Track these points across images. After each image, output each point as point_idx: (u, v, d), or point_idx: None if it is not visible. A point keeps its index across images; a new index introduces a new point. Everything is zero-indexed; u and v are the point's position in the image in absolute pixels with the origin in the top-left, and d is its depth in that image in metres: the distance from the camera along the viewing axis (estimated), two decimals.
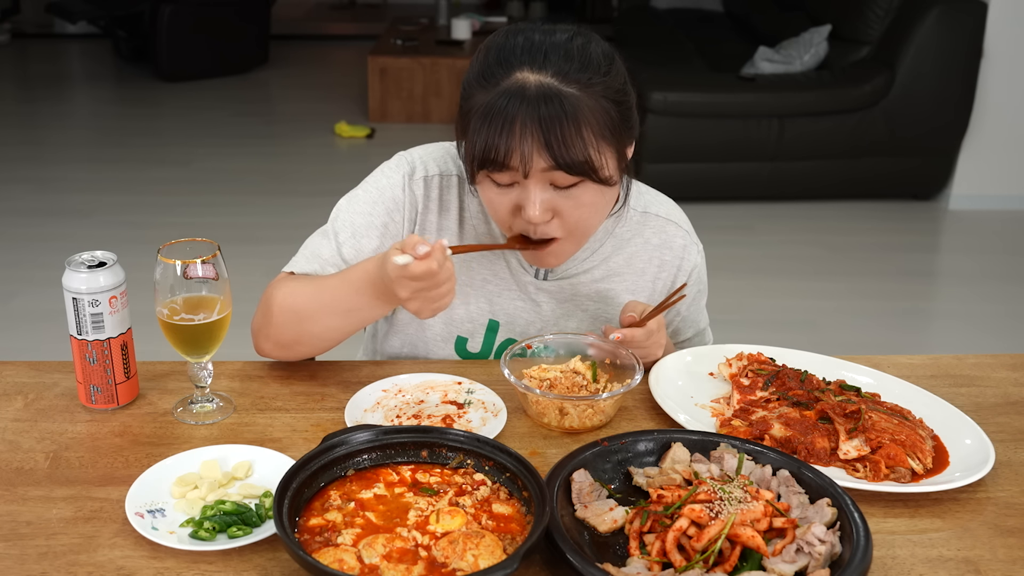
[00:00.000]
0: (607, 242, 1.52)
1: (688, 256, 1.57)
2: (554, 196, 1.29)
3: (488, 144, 1.25)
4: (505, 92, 1.25)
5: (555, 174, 1.27)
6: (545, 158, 1.25)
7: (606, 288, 1.54)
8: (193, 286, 1.30)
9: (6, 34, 7.92)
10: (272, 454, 1.22)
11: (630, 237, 1.54)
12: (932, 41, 4.54)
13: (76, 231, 4.43)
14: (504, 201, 1.32)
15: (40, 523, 1.11)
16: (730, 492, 1.08)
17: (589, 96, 1.26)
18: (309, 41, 8.20)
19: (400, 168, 1.48)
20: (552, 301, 1.53)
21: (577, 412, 1.31)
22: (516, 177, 1.28)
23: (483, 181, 1.32)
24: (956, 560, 1.10)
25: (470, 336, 1.53)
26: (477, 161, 1.27)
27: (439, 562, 1.00)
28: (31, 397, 1.37)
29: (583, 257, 1.52)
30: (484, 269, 1.51)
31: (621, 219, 1.52)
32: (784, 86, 4.69)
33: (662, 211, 1.57)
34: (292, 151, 5.65)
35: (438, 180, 1.48)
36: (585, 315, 1.55)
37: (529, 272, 1.51)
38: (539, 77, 1.25)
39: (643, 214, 1.55)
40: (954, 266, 4.40)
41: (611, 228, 1.52)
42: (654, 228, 1.55)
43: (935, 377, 1.50)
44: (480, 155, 1.26)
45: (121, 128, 6.04)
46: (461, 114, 1.32)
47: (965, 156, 4.83)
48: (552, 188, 1.29)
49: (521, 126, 1.23)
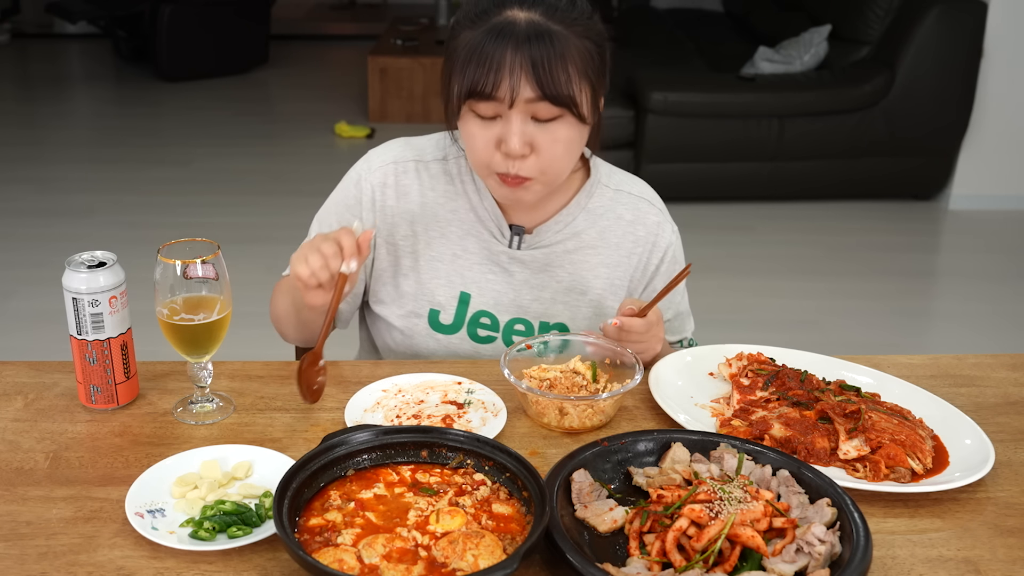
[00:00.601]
0: (579, 216, 1.55)
1: (663, 234, 1.59)
2: (534, 130, 1.35)
3: (478, 74, 1.32)
4: (496, 27, 1.33)
5: (538, 106, 1.33)
6: (532, 87, 1.31)
7: (580, 259, 1.56)
8: (193, 286, 1.30)
9: (6, 34, 7.92)
10: (272, 454, 1.22)
11: (603, 212, 1.57)
12: (932, 41, 4.54)
13: (76, 231, 4.43)
14: (486, 135, 1.37)
15: (40, 523, 1.11)
16: (730, 492, 1.08)
17: (575, 35, 1.34)
18: (309, 41, 8.19)
19: (355, 171, 1.57)
20: (525, 271, 1.55)
21: (577, 412, 1.31)
22: (500, 109, 1.34)
23: (466, 116, 1.37)
24: (956, 560, 1.10)
25: (442, 309, 1.56)
26: (465, 91, 1.34)
27: (439, 562, 1.00)
28: (31, 397, 1.37)
29: (556, 229, 1.54)
30: (454, 244, 1.54)
31: (594, 194, 1.56)
32: (784, 86, 4.69)
33: (635, 189, 1.61)
34: (292, 151, 5.65)
35: (392, 167, 1.55)
36: (559, 286, 1.56)
37: (502, 242, 1.54)
38: (529, 15, 1.34)
39: (616, 191, 1.58)
40: (954, 266, 4.40)
41: (584, 203, 1.55)
42: (627, 205, 1.58)
43: (935, 377, 1.50)
44: (469, 85, 1.33)
45: (121, 128, 6.04)
46: (449, 53, 1.39)
47: (965, 156, 4.83)
48: (532, 122, 1.35)
49: (511, 56, 1.31)
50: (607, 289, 1.58)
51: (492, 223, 1.53)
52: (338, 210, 1.57)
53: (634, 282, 1.59)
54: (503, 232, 1.53)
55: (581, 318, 1.57)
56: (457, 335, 1.57)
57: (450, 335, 1.57)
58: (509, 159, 1.36)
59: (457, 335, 1.57)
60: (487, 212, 1.53)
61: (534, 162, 1.37)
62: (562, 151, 1.38)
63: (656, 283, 1.60)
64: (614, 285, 1.58)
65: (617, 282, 1.58)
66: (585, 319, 1.57)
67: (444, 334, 1.57)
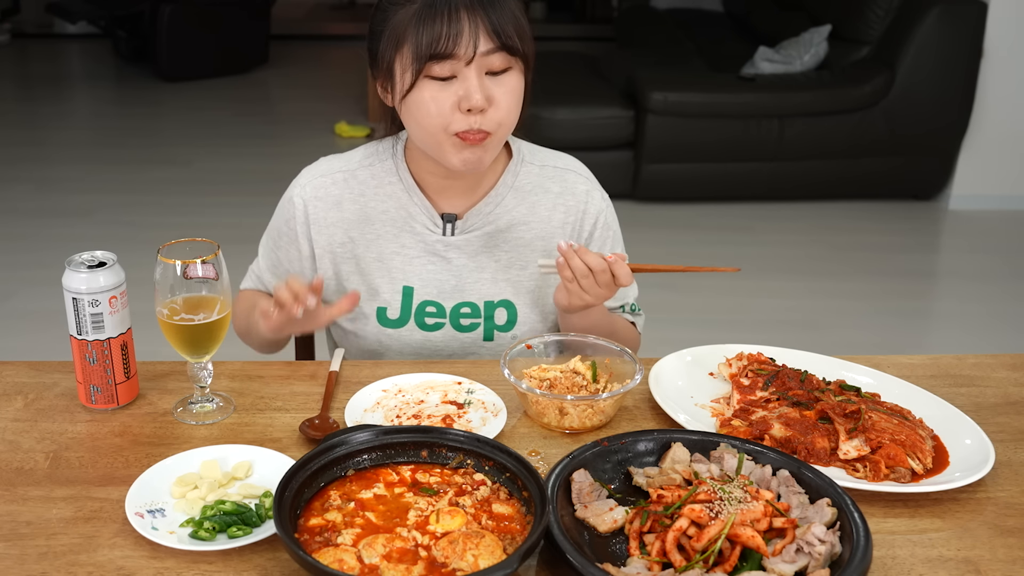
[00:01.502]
0: (508, 195, 1.58)
1: (592, 201, 1.63)
2: (489, 84, 1.41)
3: (435, 34, 1.37)
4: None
5: (492, 58, 1.39)
6: (490, 38, 1.38)
7: (514, 236, 1.59)
8: (193, 286, 1.30)
9: (6, 34, 7.91)
10: (272, 454, 1.22)
11: (531, 188, 1.60)
12: (932, 41, 4.54)
13: (76, 231, 4.43)
14: (445, 97, 1.40)
15: (40, 523, 1.11)
16: (730, 492, 1.08)
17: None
18: (309, 41, 8.19)
19: (288, 191, 1.64)
20: (462, 256, 1.58)
21: (577, 412, 1.31)
22: (456, 68, 1.39)
23: (421, 84, 1.40)
24: (956, 560, 1.10)
25: (388, 305, 1.59)
26: (425, 54, 1.37)
27: (439, 562, 1.00)
28: (31, 397, 1.37)
29: (487, 211, 1.57)
30: (390, 242, 1.58)
31: (519, 173, 1.59)
32: (784, 86, 4.69)
33: (560, 163, 1.65)
34: (292, 151, 5.64)
35: (321, 180, 1.61)
36: (498, 265, 1.59)
37: (436, 231, 1.57)
38: None
39: (541, 167, 1.62)
40: (954, 266, 4.40)
41: (510, 182, 1.59)
42: (553, 178, 1.62)
43: (935, 377, 1.50)
44: (427, 48, 1.37)
45: (121, 128, 6.04)
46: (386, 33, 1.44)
47: (965, 156, 4.83)
48: (487, 77, 1.40)
49: (466, 11, 1.37)
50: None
51: (424, 215, 1.57)
52: (273, 236, 1.66)
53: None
54: (435, 222, 1.57)
55: (525, 292, 1.60)
56: (406, 327, 1.60)
57: (399, 328, 1.60)
58: (471, 115, 1.40)
59: (406, 327, 1.60)
60: (417, 206, 1.56)
61: (493, 114, 1.41)
62: (514, 103, 1.44)
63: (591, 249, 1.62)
64: (553, 255, 1.59)
65: (555, 253, 1.59)
66: (529, 292, 1.60)
67: (394, 328, 1.60)
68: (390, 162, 1.59)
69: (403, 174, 1.57)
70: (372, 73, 1.52)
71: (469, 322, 1.59)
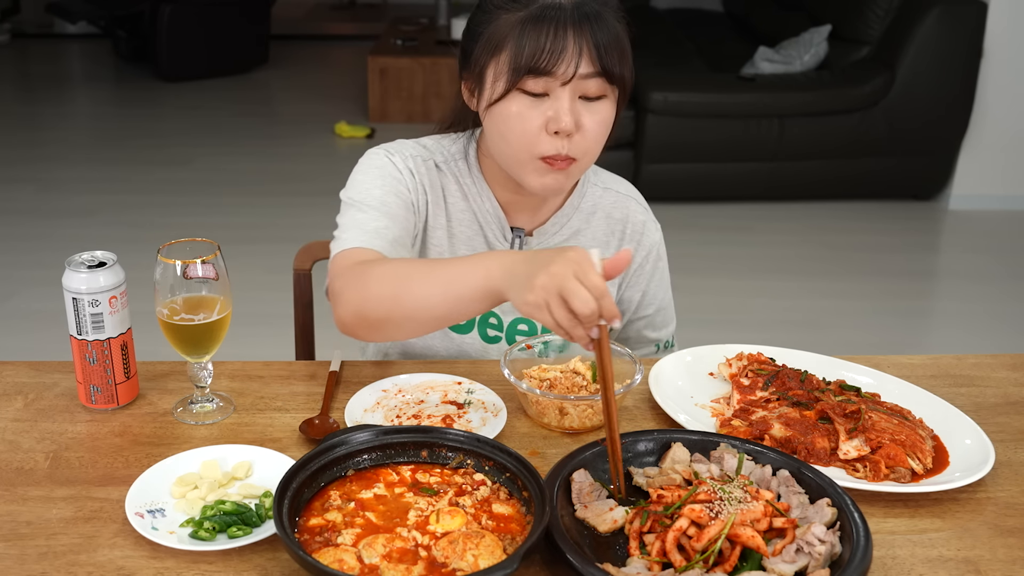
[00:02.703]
0: (574, 216, 1.57)
1: (648, 232, 1.63)
2: (581, 108, 1.36)
3: (537, 48, 1.31)
4: (544, 6, 1.33)
5: (589, 83, 1.34)
6: (592, 62, 1.32)
7: None
8: (193, 286, 1.30)
9: (6, 34, 7.91)
10: (272, 454, 1.22)
11: (594, 210, 1.59)
12: (932, 41, 4.54)
13: (76, 231, 4.43)
14: (534, 115, 1.35)
15: (40, 523, 1.11)
16: (730, 492, 1.08)
17: (618, 21, 1.36)
18: (309, 41, 8.19)
19: (386, 154, 1.51)
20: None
21: (577, 412, 1.31)
22: (551, 86, 1.33)
23: (512, 97, 1.35)
24: (956, 560, 1.10)
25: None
26: (524, 67, 1.32)
27: (439, 562, 1.00)
28: (31, 397, 1.37)
29: (554, 230, 1.56)
30: (463, 245, 1.55)
31: (585, 193, 1.58)
32: (784, 86, 4.69)
33: (621, 188, 1.63)
34: (292, 151, 5.65)
35: (421, 161, 1.53)
36: None
37: (504, 245, 1.55)
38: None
39: (604, 189, 1.61)
40: (954, 266, 4.40)
41: (577, 203, 1.57)
42: (615, 204, 1.61)
43: (935, 377, 1.50)
44: (526, 61, 1.32)
45: (121, 128, 6.04)
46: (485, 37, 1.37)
47: (965, 156, 4.83)
48: (579, 101, 1.35)
49: (573, 31, 1.31)
50: None
51: (496, 225, 1.54)
52: (384, 183, 1.46)
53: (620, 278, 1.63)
54: (506, 235, 1.54)
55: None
56: (470, 335, 1.58)
57: (464, 335, 1.58)
58: (558, 138, 1.35)
59: (470, 335, 1.58)
60: (490, 214, 1.53)
61: (579, 141, 1.37)
62: (602, 133, 1.39)
63: (634, 280, 1.63)
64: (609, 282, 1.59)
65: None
66: None
67: (459, 333, 1.58)
68: (463, 163, 1.54)
69: (477, 179, 1.53)
70: (461, 74, 1.45)
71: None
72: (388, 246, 1.38)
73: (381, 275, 1.27)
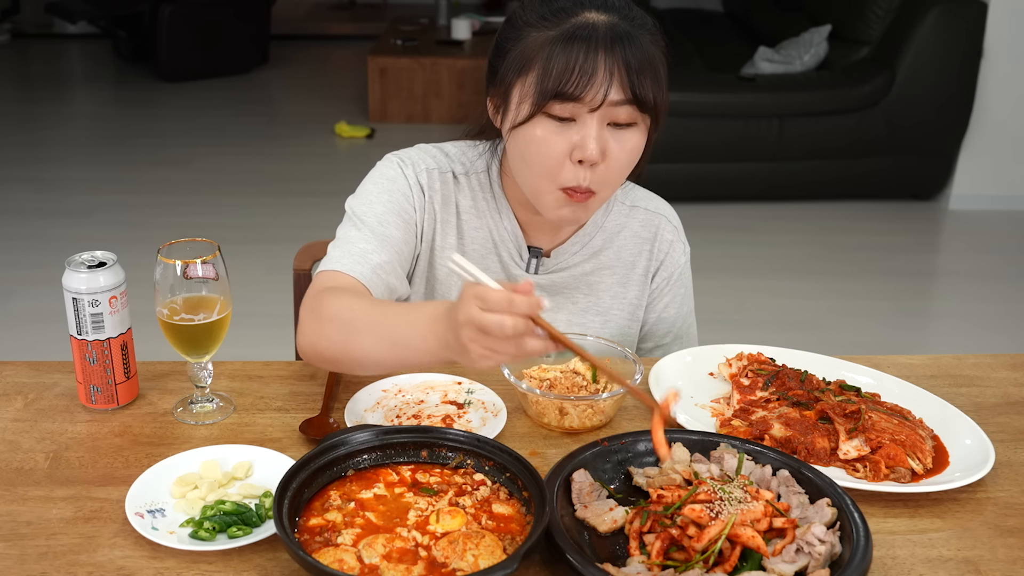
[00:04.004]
0: (596, 235, 1.53)
1: (673, 253, 1.58)
2: (608, 136, 1.30)
3: (566, 71, 1.25)
4: (577, 26, 1.27)
5: (619, 110, 1.28)
6: (623, 89, 1.27)
7: (596, 280, 1.54)
8: (193, 286, 1.30)
9: (6, 34, 7.92)
10: (272, 454, 1.22)
11: (619, 230, 1.55)
12: (932, 41, 4.54)
13: (76, 231, 4.43)
14: (559, 141, 1.29)
15: (40, 523, 1.11)
16: (730, 492, 1.08)
17: (652, 43, 1.31)
18: (309, 41, 8.19)
19: (399, 164, 1.48)
20: (543, 294, 1.52)
21: (577, 412, 1.31)
22: (578, 112, 1.28)
23: (537, 120, 1.29)
24: (956, 560, 1.10)
25: None
26: (551, 92, 1.26)
27: (439, 562, 1.00)
28: (31, 397, 1.37)
29: (574, 251, 1.52)
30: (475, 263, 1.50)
31: (610, 212, 1.54)
32: (784, 86, 4.69)
33: (651, 205, 1.58)
34: (292, 151, 5.65)
35: (437, 173, 1.49)
36: (575, 308, 1.55)
37: (520, 266, 1.51)
38: (608, 18, 1.29)
39: (632, 207, 1.56)
40: (954, 266, 4.40)
41: (600, 222, 1.53)
42: (643, 222, 1.56)
43: (935, 377, 1.50)
44: (553, 84, 1.26)
45: (121, 128, 6.04)
46: (512, 54, 1.31)
47: (965, 156, 4.83)
48: (607, 128, 1.30)
49: (604, 56, 1.25)
50: (624, 310, 1.57)
51: (512, 244, 1.49)
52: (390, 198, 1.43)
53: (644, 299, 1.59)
54: (522, 255, 1.50)
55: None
56: None
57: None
58: (581, 168, 1.30)
59: None
60: (507, 233, 1.49)
61: (603, 171, 1.31)
62: (627, 162, 1.34)
63: (655, 301, 1.59)
64: (631, 305, 1.57)
65: (635, 301, 1.57)
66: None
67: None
68: (484, 176, 1.49)
69: (498, 195, 1.48)
70: (488, 89, 1.39)
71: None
72: (370, 272, 1.36)
73: (333, 317, 1.25)
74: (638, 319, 1.59)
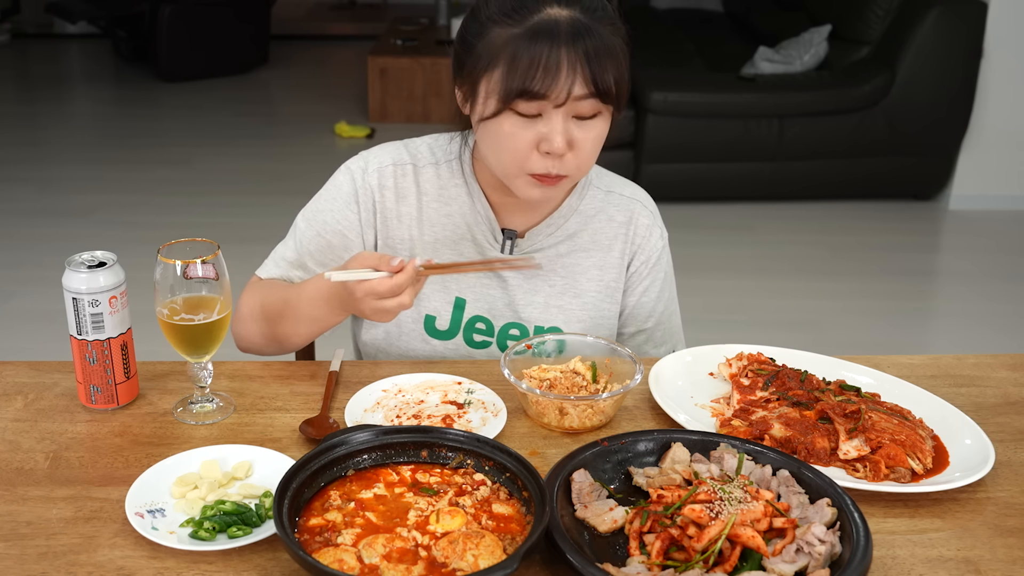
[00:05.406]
0: (572, 218, 1.55)
1: (651, 238, 1.59)
2: (573, 127, 1.34)
3: (530, 71, 1.28)
4: (540, 24, 1.30)
5: (582, 104, 1.31)
6: (586, 85, 1.30)
7: (573, 263, 1.56)
8: (193, 286, 1.30)
9: (6, 34, 7.91)
10: (272, 454, 1.22)
11: (594, 214, 1.56)
12: (932, 41, 4.54)
13: (76, 231, 4.43)
14: (526, 135, 1.33)
15: (40, 523, 1.11)
16: (730, 492, 1.08)
17: (613, 34, 1.33)
18: (309, 41, 8.19)
19: (348, 170, 1.54)
20: (519, 276, 1.55)
21: (577, 412, 1.31)
22: (544, 107, 1.31)
23: (506, 117, 1.33)
24: (956, 560, 1.10)
25: (438, 315, 1.55)
26: (516, 91, 1.30)
27: (439, 562, 1.00)
28: (31, 397, 1.37)
29: (549, 232, 1.54)
30: (448, 250, 1.53)
31: (584, 196, 1.56)
32: (784, 86, 4.69)
33: (627, 191, 1.60)
34: (292, 151, 5.65)
35: (391, 169, 1.53)
36: (552, 291, 1.56)
37: (495, 247, 1.53)
38: (570, 13, 1.31)
39: (607, 192, 1.58)
40: (954, 266, 4.40)
41: (575, 205, 1.55)
42: (619, 206, 1.58)
43: (935, 377, 1.50)
44: (518, 83, 1.29)
45: (121, 128, 6.04)
46: (476, 52, 1.34)
47: (965, 156, 4.83)
48: (572, 120, 1.33)
49: (567, 54, 1.28)
50: (601, 292, 1.57)
51: (486, 227, 1.52)
52: (334, 206, 1.53)
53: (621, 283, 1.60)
54: (496, 237, 1.52)
55: (575, 321, 1.57)
56: (453, 341, 1.56)
57: (446, 340, 1.56)
58: (549, 158, 1.34)
59: (453, 341, 1.56)
60: (480, 216, 1.52)
61: (571, 159, 1.35)
62: (595, 148, 1.38)
63: (635, 286, 1.60)
64: (609, 288, 1.58)
65: (612, 284, 1.58)
66: (580, 323, 1.57)
67: (440, 339, 1.56)
68: (456, 163, 1.53)
69: (469, 180, 1.52)
70: (455, 80, 1.42)
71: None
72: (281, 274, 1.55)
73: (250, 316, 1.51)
74: (616, 301, 1.60)
